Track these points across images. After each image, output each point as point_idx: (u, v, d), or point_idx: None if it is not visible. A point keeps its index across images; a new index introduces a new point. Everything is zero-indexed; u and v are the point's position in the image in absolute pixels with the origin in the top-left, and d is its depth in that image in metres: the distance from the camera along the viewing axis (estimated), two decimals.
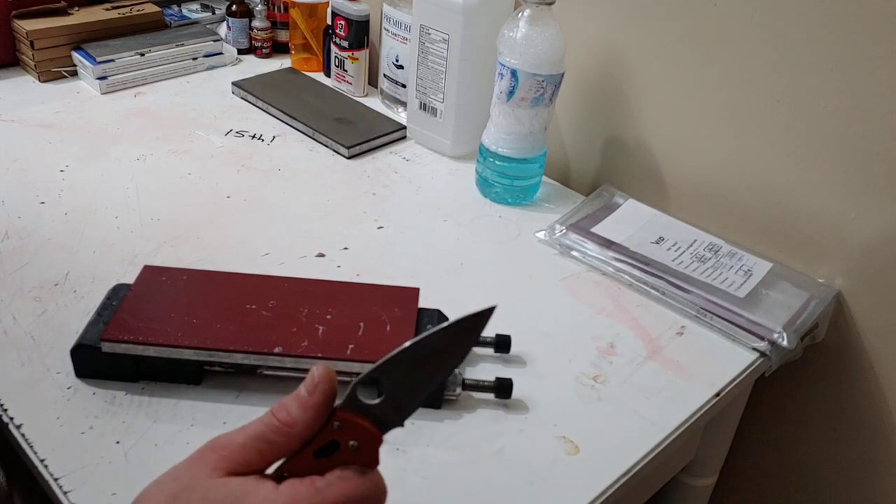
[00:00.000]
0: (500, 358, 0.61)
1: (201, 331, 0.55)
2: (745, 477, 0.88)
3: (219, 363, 0.55)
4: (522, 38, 0.73)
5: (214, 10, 1.20)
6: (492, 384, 0.56)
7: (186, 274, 0.61)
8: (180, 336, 0.54)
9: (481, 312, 0.36)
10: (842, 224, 0.70)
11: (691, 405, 0.59)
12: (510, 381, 0.56)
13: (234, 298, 0.58)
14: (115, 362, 0.54)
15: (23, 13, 0.99)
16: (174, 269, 0.61)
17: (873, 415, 0.74)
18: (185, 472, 0.35)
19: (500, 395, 0.57)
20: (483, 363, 0.61)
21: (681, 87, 0.77)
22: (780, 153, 0.72)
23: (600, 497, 0.51)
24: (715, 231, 0.77)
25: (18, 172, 0.80)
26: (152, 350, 0.54)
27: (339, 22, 1.00)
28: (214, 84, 1.04)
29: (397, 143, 0.93)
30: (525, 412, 0.57)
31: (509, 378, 0.56)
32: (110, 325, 0.55)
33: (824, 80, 0.67)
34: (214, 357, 0.54)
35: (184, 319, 0.55)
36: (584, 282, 0.71)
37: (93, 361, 0.55)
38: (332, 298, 0.59)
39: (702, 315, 0.67)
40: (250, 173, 0.84)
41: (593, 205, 0.80)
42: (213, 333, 0.54)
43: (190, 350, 0.53)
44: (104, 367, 0.55)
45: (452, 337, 0.37)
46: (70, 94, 0.98)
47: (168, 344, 0.53)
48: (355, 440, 0.36)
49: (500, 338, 0.61)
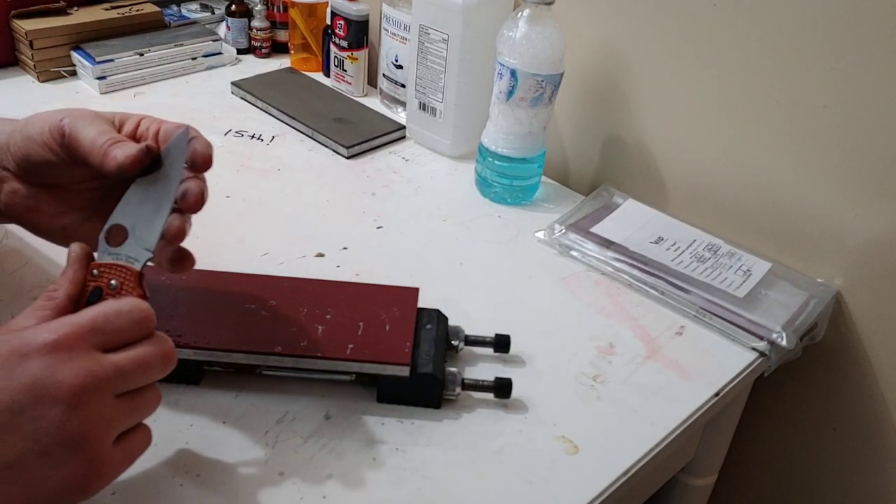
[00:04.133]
0: (500, 358, 0.61)
1: (201, 331, 0.54)
2: (744, 477, 0.88)
3: (218, 363, 0.55)
4: (522, 37, 0.73)
5: (214, 9, 1.20)
6: (491, 384, 0.56)
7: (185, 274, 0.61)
8: (179, 336, 0.54)
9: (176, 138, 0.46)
10: (841, 224, 0.70)
11: (691, 405, 0.59)
12: (509, 381, 0.56)
13: (234, 298, 0.58)
14: None
15: (22, 13, 0.99)
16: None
17: (873, 415, 0.74)
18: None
19: (499, 395, 0.57)
20: (482, 363, 0.61)
21: (680, 87, 0.77)
22: (780, 153, 0.72)
23: (600, 497, 0.51)
24: (714, 231, 0.77)
25: None
26: None
27: (339, 22, 1.00)
28: (214, 84, 1.04)
29: (397, 143, 0.93)
30: (524, 412, 0.57)
31: (508, 378, 0.56)
32: None
33: (824, 80, 0.67)
34: (214, 357, 0.54)
35: (183, 319, 0.55)
36: (583, 281, 0.71)
37: None
38: (331, 298, 0.59)
39: (701, 315, 0.67)
40: (250, 173, 0.84)
41: (593, 205, 0.80)
42: (212, 333, 0.54)
43: (189, 350, 0.53)
44: None
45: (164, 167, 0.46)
46: (69, 94, 0.98)
47: None
48: (115, 279, 0.43)
49: (500, 338, 0.61)
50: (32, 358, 0.38)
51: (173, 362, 0.43)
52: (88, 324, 0.40)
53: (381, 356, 0.54)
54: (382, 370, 0.54)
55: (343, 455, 0.52)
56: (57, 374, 0.38)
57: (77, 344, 0.39)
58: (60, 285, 0.43)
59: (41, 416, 0.37)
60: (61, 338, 0.39)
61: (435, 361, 0.55)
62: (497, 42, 0.76)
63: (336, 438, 0.53)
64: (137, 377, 0.41)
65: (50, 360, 0.38)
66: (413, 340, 0.56)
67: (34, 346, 0.38)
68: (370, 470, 0.51)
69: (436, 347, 0.56)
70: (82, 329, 0.39)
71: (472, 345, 0.60)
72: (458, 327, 0.60)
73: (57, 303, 0.42)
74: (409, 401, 0.55)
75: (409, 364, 0.53)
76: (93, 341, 0.40)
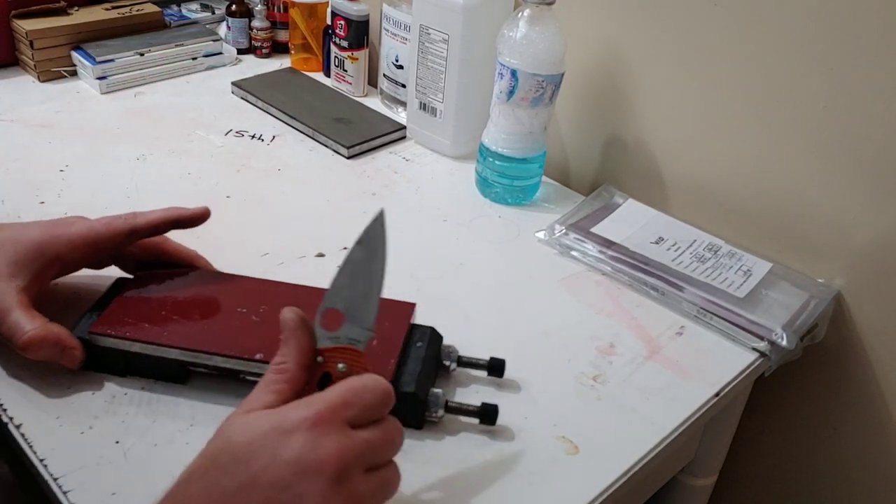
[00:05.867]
0: (494, 381, 0.59)
1: (187, 331, 0.54)
2: (744, 477, 0.88)
3: (202, 365, 0.54)
4: (522, 38, 0.73)
5: (214, 9, 1.20)
6: (476, 409, 0.54)
7: (184, 273, 0.61)
8: (166, 335, 0.54)
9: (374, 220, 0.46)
10: (842, 224, 0.70)
11: (691, 405, 0.59)
12: (495, 408, 0.54)
13: (227, 301, 0.58)
14: (103, 356, 0.55)
15: (22, 13, 0.99)
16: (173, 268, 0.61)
17: (873, 415, 0.74)
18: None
19: (484, 422, 0.54)
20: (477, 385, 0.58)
21: (681, 88, 0.77)
22: (780, 153, 0.72)
23: (600, 497, 0.51)
24: (714, 231, 0.77)
25: (18, 172, 0.80)
26: (138, 346, 0.54)
27: (339, 22, 1.00)
28: (214, 84, 1.04)
29: (397, 143, 0.93)
30: (525, 412, 0.56)
31: (495, 404, 0.54)
32: (100, 319, 0.55)
33: (824, 81, 0.67)
34: (197, 359, 0.54)
35: (173, 318, 0.55)
36: (583, 282, 0.71)
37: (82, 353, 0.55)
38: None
39: (701, 315, 0.67)
40: (250, 173, 0.84)
41: (593, 205, 0.80)
42: (198, 335, 0.54)
43: (174, 350, 0.53)
44: (93, 360, 0.55)
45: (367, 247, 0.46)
46: (70, 94, 0.98)
47: (153, 342, 0.54)
48: (342, 363, 0.43)
49: (494, 362, 0.58)
50: (293, 435, 0.38)
51: (402, 439, 0.43)
52: (340, 399, 0.40)
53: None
54: None
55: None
56: (318, 450, 0.38)
57: (333, 419, 0.39)
58: (288, 356, 0.43)
59: (305, 491, 0.38)
60: (318, 414, 0.39)
61: (419, 381, 0.53)
62: (497, 42, 0.76)
63: None
64: (383, 452, 0.42)
65: (311, 435, 0.38)
66: (399, 357, 0.54)
67: (294, 423, 0.39)
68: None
69: (423, 366, 0.54)
70: (335, 405, 0.40)
71: (465, 366, 0.58)
72: (452, 347, 0.58)
73: (290, 375, 0.42)
74: None
75: (390, 381, 0.51)
76: (345, 416, 0.40)
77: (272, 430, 0.39)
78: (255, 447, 0.38)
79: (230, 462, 0.39)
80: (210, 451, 0.40)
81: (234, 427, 0.40)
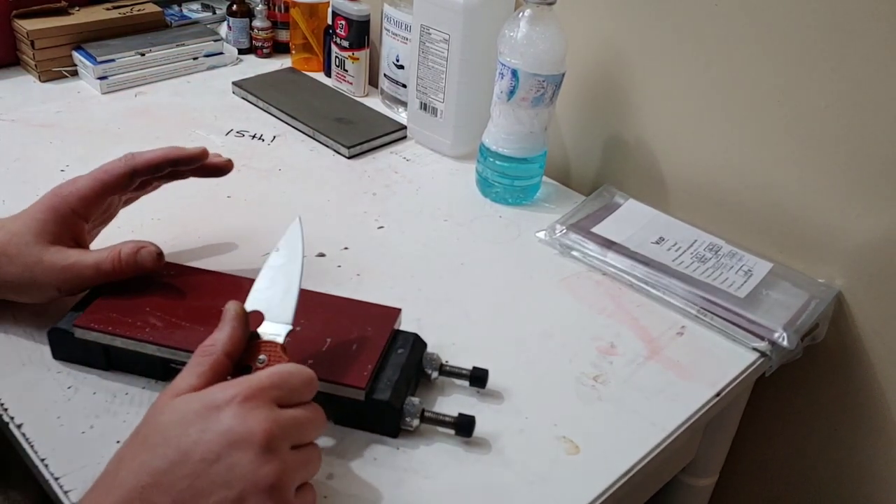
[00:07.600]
0: (478, 392, 0.58)
1: (168, 329, 0.55)
2: (745, 477, 0.88)
3: (182, 362, 0.54)
4: (523, 38, 0.73)
5: (215, 9, 1.20)
6: (453, 419, 0.52)
7: (175, 270, 0.61)
8: (147, 331, 0.54)
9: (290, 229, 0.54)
10: (842, 224, 0.70)
11: (691, 405, 0.59)
12: (472, 419, 0.52)
13: (213, 300, 0.57)
14: (86, 349, 0.55)
15: (23, 13, 0.99)
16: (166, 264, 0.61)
17: (873, 415, 0.74)
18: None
19: (460, 433, 0.53)
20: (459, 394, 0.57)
21: (681, 88, 0.77)
22: (781, 153, 0.72)
23: (600, 497, 0.51)
24: (715, 231, 0.77)
25: (19, 172, 0.80)
26: (119, 341, 0.54)
27: (340, 22, 1.00)
28: (215, 84, 1.04)
29: (398, 143, 0.93)
30: (525, 412, 0.56)
31: (472, 416, 0.53)
32: (85, 313, 0.55)
33: (824, 81, 0.67)
34: (175, 356, 0.54)
35: (156, 315, 0.55)
36: (584, 282, 0.71)
37: (66, 346, 0.55)
38: (308, 310, 0.55)
39: (702, 315, 0.67)
40: (251, 173, 0.84)
41: (593, 205, 0.80)
42: (178, 332, 0.54)
43: (153, 346, 0.54)
44: (77, 353, 0.55)
45: (283, 253, 0.53)
46: (70, 94, 0.98)
47: (134, 337, 0.54)
48: (262, 354, 0.47)
49: (477, 371, 0.56)
50: (224, 410, 0.40)
51: (326, 424, 0.46)
52: (268, 381, 0.42)
53: (338, 376, 0.51)
54: (336, 391, 0.51)
55: (343, 454, 0.52)
56: (249, 420, 0.40)
57: (261, 396, 0.41)
58: (217, 342, 0.45)
59: (236, 462, 0.39)
60: (248, 390, 0.41)
61: (395, 388, 0.52)
62: (498, 42, 0.76)
63: (337, 439, 0.53)
64: (308, 431, 0.44)
65: (240, 410, 0.40)
66: (377, 363, 0.53)
67: (224, 400, 0.41)
68: (372, 469, 0.51)
69: (401, 374, 0.53)
70: (264, 385, 0.42)
71: (447, 375, 0.57)
72: (435, 355, 0.57)
73: (215, 359, 0.44)
74: (364, 426, 0.53)
75: (365, 388, 0.51)
76: (272, 395, 0.42)
77: (203, 408, 0.41)
78: (186, 425, 0.40)
79: (161, 442, 0.40)
80: (140, 433, 0.42)
81: (163, 408, 0.42)
